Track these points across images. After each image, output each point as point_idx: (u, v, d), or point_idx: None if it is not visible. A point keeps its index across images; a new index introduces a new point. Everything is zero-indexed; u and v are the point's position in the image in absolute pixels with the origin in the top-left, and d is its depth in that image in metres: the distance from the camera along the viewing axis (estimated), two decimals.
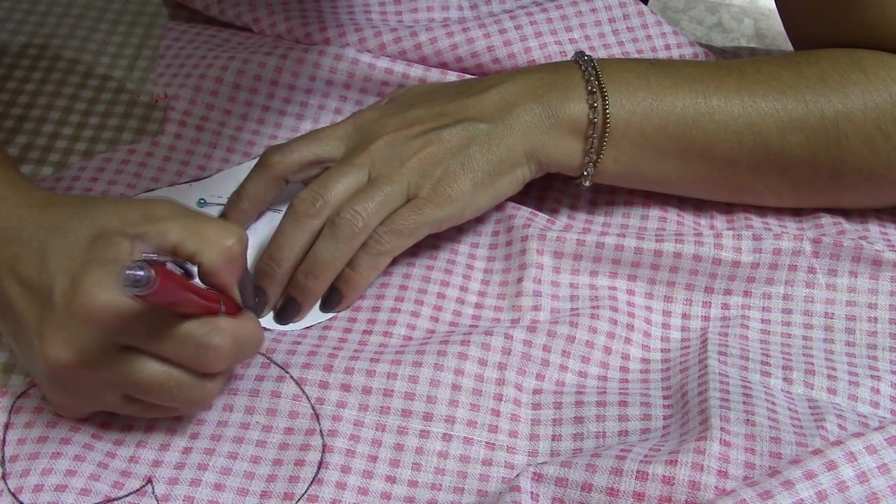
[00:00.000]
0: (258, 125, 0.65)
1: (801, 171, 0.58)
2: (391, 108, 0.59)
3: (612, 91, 0.56)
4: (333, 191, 0.55)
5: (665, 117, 0.57)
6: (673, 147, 0.57)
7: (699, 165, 0.58)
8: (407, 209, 0.55)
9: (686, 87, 0.57)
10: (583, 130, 0.56)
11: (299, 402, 0.51)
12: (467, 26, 0.66)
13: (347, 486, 0.48)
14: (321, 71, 0.65)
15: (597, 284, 0.57)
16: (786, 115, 0.57)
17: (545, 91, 0.57)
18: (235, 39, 0.69)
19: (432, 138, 0.56)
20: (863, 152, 0.57)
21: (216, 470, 0.49)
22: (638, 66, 0.59)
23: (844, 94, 0.57)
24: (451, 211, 0.55)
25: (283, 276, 0.55)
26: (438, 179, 0.55)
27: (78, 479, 0.47)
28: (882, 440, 0.44)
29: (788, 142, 0.57)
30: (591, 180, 0.58)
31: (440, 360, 0.52)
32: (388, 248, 0.55)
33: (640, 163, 0.58)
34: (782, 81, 0.58)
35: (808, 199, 0.60)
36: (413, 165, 0.55)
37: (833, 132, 0.57)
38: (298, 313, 0.55)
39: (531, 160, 0.57)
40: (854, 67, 0.58)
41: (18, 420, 0.49)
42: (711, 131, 0.57)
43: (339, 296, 0.55)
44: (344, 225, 0.54)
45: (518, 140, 0.56)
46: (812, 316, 0.56)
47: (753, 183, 0.59)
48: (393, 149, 0.56)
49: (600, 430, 0.50)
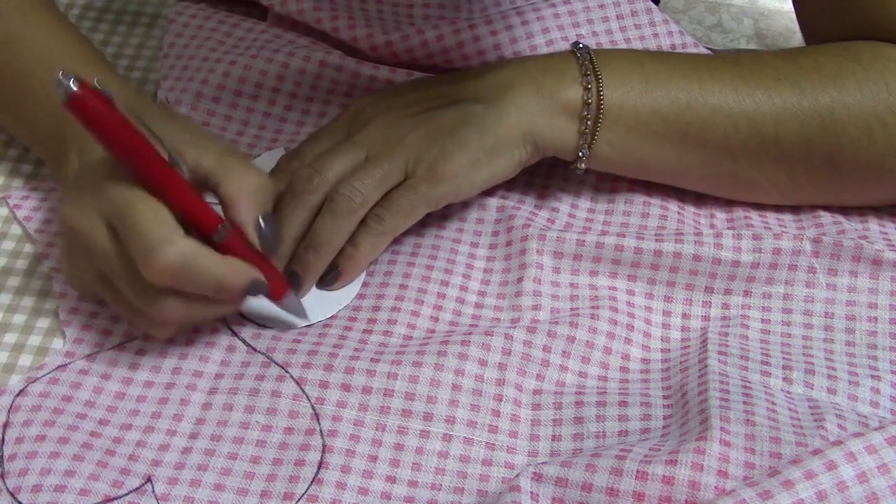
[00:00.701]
0: (259, 130, 0.65)
1: (798, 158, 0.58)
2: (389, 92, 0.60)
3: (606, 74, 0.57)
4: (331, 168, 0.55)
5: (659, 101, 0.57)
6: (668, 131, 0.58)
7: (694, 152, 0.58)
8: (404, 188, 0.55)
9: (680, 73, 0.58)
10: (577, 112, 0.57)
11: (299, 402, 0.51)
12: (474, 23, 0.66)
13: (347, 485, 0.48)
14: (323, 82, 0.65)
15: (597, 284, 0.57)
16: (780, 101, 0.57)
17: (541, 74, 0.57)
18: (237, 34, 0.68)
19: (429, 118, 0.57)
20: (860, 140, 0.57)
21: (216, 470, 0.49)
22: (633, 54, 0.60)
23: (840, 83, 0.57)
24: (447, 189, 0.56)
25: (286, 251, 0.55)
26: (435, 158, 0.55)
27: (77, 480, 0.47)
28: (882, 440, 0.44)
29: (783, 129, 0.57)
30: (587, 164, 0.58)
31: (440, 360, 0.52)
32: (387, 228, 0.56)
33: (635, 147, 0.58)
34: (777, 70, 0.58)
35: (806, 192, 0.60)
36: (410, 144, 0.56)
37: (829, 120, 0.57)
38: (299, 289, 0.55)
39: (527, 141, 0.57)
40: (849, 58, 0.58)
41: (16, 419, 0.49)
42: (706, 116, 0.57)
43: (338, 272, 0.56)
44: (342, 200, 0.54)
45: (514, 121, 0.56)
46: (812, 316, 0.56)
47: (749, 171, 0.59)
48: (390, 128, 0.57)
49: (600, 430, 0.50)
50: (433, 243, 0.59)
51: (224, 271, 0.48)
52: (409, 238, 0.59)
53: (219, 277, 0.48)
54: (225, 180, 0.50)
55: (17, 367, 0.53)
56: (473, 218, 0.60)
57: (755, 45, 1.48)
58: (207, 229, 0.49)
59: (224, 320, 0.55)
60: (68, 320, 0.54)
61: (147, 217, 0.47)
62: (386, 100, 0.59)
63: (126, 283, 0.49)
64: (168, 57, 0.68)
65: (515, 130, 0.56)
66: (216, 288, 0.49)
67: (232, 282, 0.49)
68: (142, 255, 0.47)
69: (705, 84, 0.58)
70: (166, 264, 0.47)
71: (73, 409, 0.50)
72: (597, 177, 0.62)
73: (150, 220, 0.47)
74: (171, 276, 0.47)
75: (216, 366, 0.53)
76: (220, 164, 0.50)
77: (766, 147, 0.58)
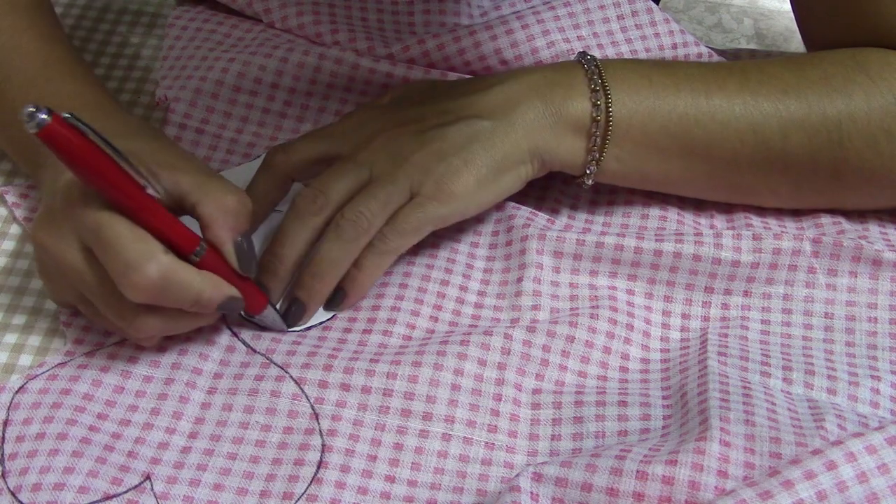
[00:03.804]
0: (258, 127, 0.65)
1: (803, 170, 0.58)
2: (393, 105, 0.59)
3: (614, 89, 0.57)
4: (335, 189, 0.55)
5: (667, 116, 0.57)
6: (675, 146, 0.57)
7: (700, 164, 0.58)
8: (410, 207, 0.55)
9: (688, 86, 0.57)
10: (586, 128, 0.56)
11: (299, 402, 0.51)
12: (474, 29, 0.66)
13: (347, 485, 0.48)
14: (321, 75, 0.65)
15: (596, 284, 0.57)
16: (788, 114, 0.57)
17: (548, 89, 0.57)
18: (236, 34, 0.68)
19: (434, 135, 0.56)
20: (865, 153, 0.57)
21: (215, 470, 0.49)
22: (640, 66, 0.59)
23: (847, 95, 0.57)
24: (454, 208, 0.55)
25: (286, 272, 0.55)
26: (441, 176, 0.55)
27: (76, 477, 0.47)
28: (882, 440, 0.44)
29: (790, 141, 0.57)
30: (594, 180, 0.58)
31: (440, 359, 0.52)
32: (392, 247, 0.55)
33: (643, 162, 0.58)
34: (785, 82, 0.58)
35: (809, 200, 0.60)
36: (415, 162, 0.55)
37: (836, 132, 0.57)
38: (304, 314, 0.55)
39: (534, 158, 0.57)
40: (857, 69, 0.58)
41: (16, 416, 0.49)
42: (713, 130, 0.57)
43: (344, 295, 0.55)
44: (348, 226, 0.54)
45: (521, 137, 0.56)
46: (812, 316, 0.56)
47: (754, 182, 0.59)
48: (395, 146, 0.56)
49: (600, 429, 0.50)
50: (433, 243, 0.59)
51: (203, 287, 0.49)
52: None
53: (199, 292, 0.49)
54: (203, 200, 0.50)
55: (17, 367, 0.53)
56: (473, 218, 0.60)
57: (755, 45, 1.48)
58: (185, 250, 0.49)
59: (224, 320, 0.55)
60: (69, 321, 0.54)
61: (125, 235, 0.47)
62: (390, 114, 0.58)
63: (103, 302, 0.49)
64: (167, 59, 0.68)
65: (523, 146, 0.56)
66: (195, 303, 0.49)
67: (211, 297, 0.49)
68: (121, 274, 0.47)
69: (713, 97, 0.57)
70: (148, 281, 0.47)
71: (72, 403, 0.50)
72: None
73: (128, 237, 0.47)
74: (152, 292, 0.47)
75: (215, 365, 0.53)
76: (197, 184, 0.50)
77: (771, 160, 0.58)
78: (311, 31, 0.67)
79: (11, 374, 0.52)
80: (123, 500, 0.47)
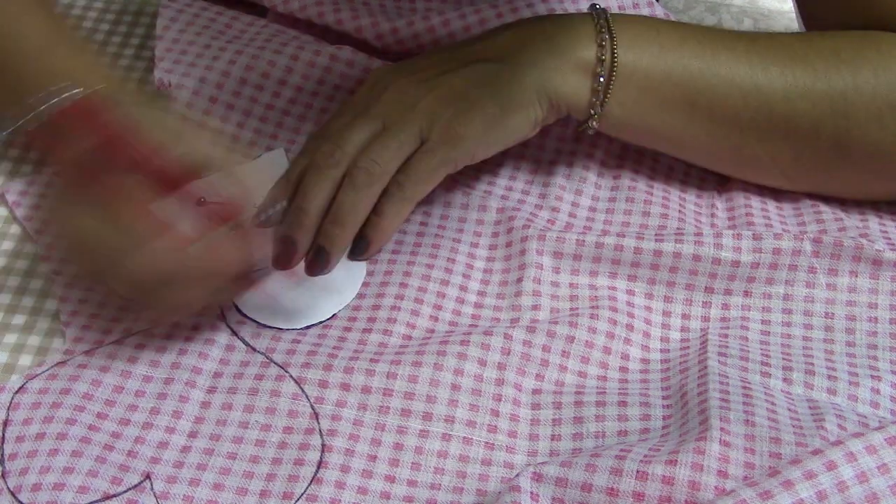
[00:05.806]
0: (260, 123, 0.65)
1: (804, 139, 0.58)
2: (404, 62, 0.61)
3: (621, 35, 0.58)
4: (350, 141, 0.56)
5: (672, 66, 0.58)
6: (677, 97, 0.58)
7: (702, 121, 0.59)
8: (421, 153, 0.56)
9: (695, 41, 0.58)
10: (591, 69, 0.57)
11: (298, 402, 0.51)
12: (479, 7, 0.66)
13: (346, 485, 0.48)
14: (331, 76, 0.65)
15: (596, 284, 0.57)
16: (793, 80, 0.57)
17: (556, 32, 0.58)
18: (237, 26, 0.68)
19: (442, 81, 0.57)
20: (870, 127, 0.57)
21: (215, 469, 0.49)
22: (649, 19, 0.61)
23: (856, 68, 0.57)
24: (463, 150, 0.56)
25: (311, 224, 0.55)
26: (448, 120, 0.56)
27: (76, 477, 0.47)
28: (882, 440, 0.44)
29: (793, 107, 0.57)
30: (598, 125, 0.59)
31: (440, 359, 0.52)
32: (409, 195, 0.56)
33: (645, 111, 0.58)
34: (793, 50, 0.58)
35: (810, 175, 0.60)
36: (423, 109, 0.56)
37: (840, 103, 0.57)
38: (328, 263, 0.55)
39: (541, 98, 0.57)
40: (868, 45, 0.58)
41: (16, 416, 0.49)
42: (717, 86, 0.58)
43: (367, 242, 0.57)
44: (361, 174, 0.55)
45: (528, 78, 0.57)
46: (812, 316, 0.56)
47: (755, 147, 0.59)
48: (403, 95, 0.57)
49: (600, 430, 0.50)
50: (433, 243, 0.59)
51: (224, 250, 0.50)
52: (409, 238, 0.59)
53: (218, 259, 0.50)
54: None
55: (17, 367, 0.53)
56: (473, 218, 0.60)
57: None
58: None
59: (224, 319, 0.55)
60: (69, 321, 0.54)
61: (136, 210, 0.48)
62: (400, 69, 0.59)
63: (119, 279, 0.50)
64: (163, 40, 0.67)
65: (530, 87, 0.57)
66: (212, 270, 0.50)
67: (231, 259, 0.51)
68: (134, 250, 0.48)
69: (719, 54, 0.58)
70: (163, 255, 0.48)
71: (71, 402, 0.50)
72: (598, 172, 0.62)
73: (140, 213, 0.48)
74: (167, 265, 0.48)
75: (215, 364, 0.53)
76: (212, 155, 0.52)
77: (774, 124, 0.58)
78: (313, 12, 0.67)
79: (11, 374, 0.52)
80: (123, 499, 0.47)
